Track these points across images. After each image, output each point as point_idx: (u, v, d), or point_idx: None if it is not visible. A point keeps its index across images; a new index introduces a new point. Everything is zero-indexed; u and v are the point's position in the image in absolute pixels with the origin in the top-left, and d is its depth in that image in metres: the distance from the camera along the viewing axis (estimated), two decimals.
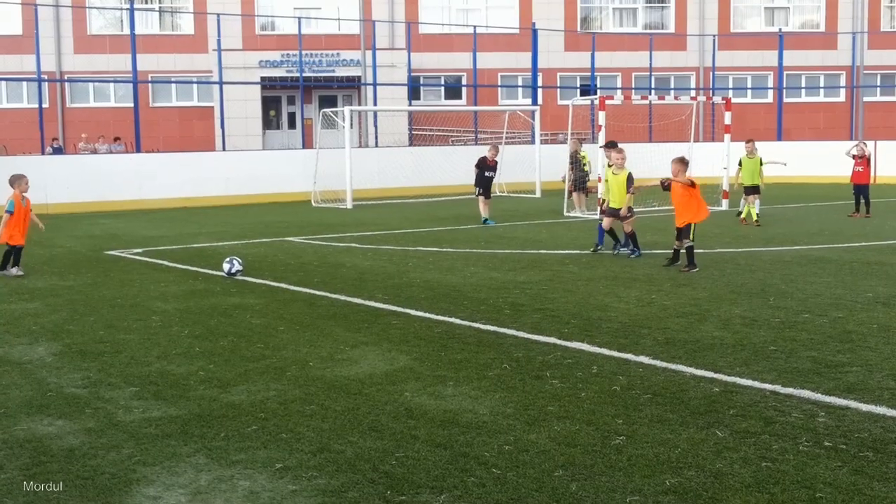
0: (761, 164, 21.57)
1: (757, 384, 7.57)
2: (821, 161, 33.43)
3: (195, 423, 6.77)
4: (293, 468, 5.85)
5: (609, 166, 16.42)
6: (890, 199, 27.39)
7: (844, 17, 45.23)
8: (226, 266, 13.89)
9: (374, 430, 6.55)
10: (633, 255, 15.44)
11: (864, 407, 6.91)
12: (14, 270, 14.30)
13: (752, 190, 21.25)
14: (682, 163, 14.65)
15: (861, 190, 22.76)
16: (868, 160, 23.59)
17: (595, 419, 6.73)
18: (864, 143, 24.45)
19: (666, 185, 14.53)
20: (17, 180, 14.62)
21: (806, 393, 7.29)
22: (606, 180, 16.40)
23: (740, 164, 21.87)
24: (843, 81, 45.70)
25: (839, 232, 18.91)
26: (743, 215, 21.27)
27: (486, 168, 22.30)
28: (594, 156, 24.22)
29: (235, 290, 12.64)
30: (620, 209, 15.56)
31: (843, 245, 16.73)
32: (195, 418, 6.90)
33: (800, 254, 15.64)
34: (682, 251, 14.25)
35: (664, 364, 8.27)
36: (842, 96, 45.78)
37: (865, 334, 9.31)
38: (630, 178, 15.62)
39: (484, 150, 23.92)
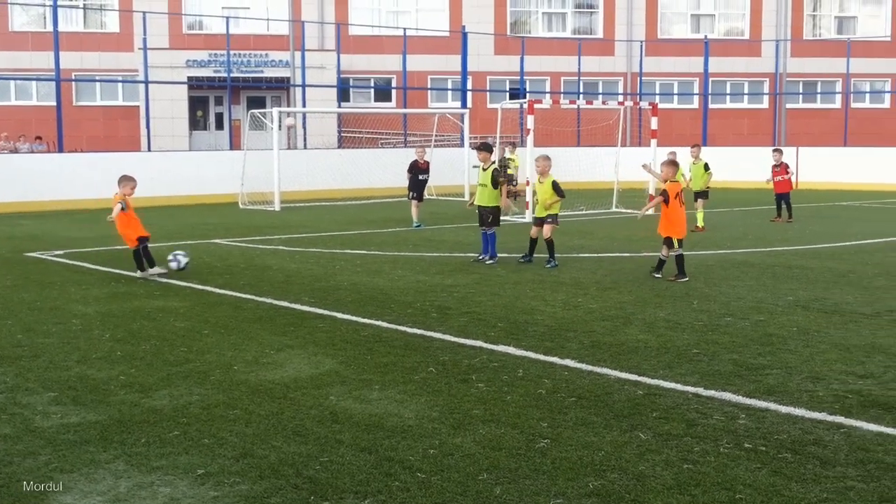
0: (706, 169, 21.80)
1: (680, 387, 7.66)
2: (745, 166, 33.95)
3: (115, 429, 6.64)
4: (215, 474, 5.77)
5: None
6: (812, 204, 27.96)
7: (768, 25, 46.08)
8: (172, 265, 13.74)
9: (298, 435, 6.49)
10: (548, 265, 14.76)
11: (784, 409, 7.02)
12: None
13: (701, 195, 21.48)
14: (674, 165, 13.95)
15: (783, 197, 23.09)
16: (786, 167, 23.78)
17: (520, 422, 6.75)
18: (780, 151, 24.60)
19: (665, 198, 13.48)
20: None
21: (727, 395, 7.39)
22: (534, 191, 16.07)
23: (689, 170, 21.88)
24: (766, 88, 46.54)
25: (762, 236, 19.24)
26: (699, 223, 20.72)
27: (419, 171, 22.31)
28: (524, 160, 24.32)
29: (159, 294, 12.45)
30: (546, 217, 15.19)
31: (766, 249, 17.02)
32: (115, 424, 6.77)
33: (724, 258, 15.88)
34: (666, 259, 13.67)
35: (589, 367, 8.32)
36: (765, 103, 46.62)
37: (785, 337, 9.48)
38: (556, 185, 15.12)
39: (412, 153, 23.90)
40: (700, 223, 20.62)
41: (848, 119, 43.20)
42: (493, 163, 16.05)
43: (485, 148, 16.06)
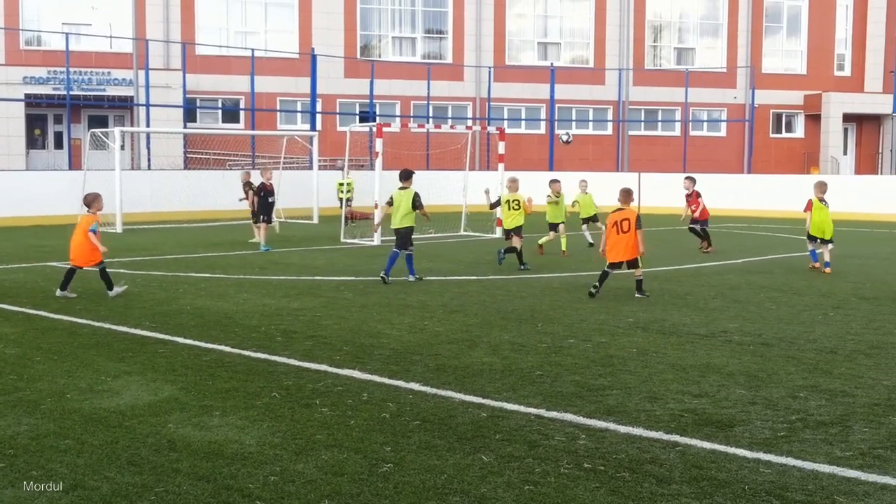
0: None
1: (523, 408, 7.72)
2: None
3: None
4: None
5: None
6: (653, 229, 28.77)
7: (611, 55, 47.46)
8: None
9: (133, 465, 6.26)
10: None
11: (623, 429, 7.16)
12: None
13: (591, 219, 22.72)
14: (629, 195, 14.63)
15: (701, 224, 22.06)
16: (696, 194, 22.36)
17: (363, 447, 6.68)
18: (689, 179, 23.23)
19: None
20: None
21: (569, 416, 7.49)
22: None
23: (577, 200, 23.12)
24: (610, 115, 47.86)
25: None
26: (541, 243, 21.11)
27: (268, 193, 22.05)
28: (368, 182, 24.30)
29: None
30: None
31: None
32: None
33: (568, 281, 16.18)
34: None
35: (434, 390, 8.32)
36: (609, 129, 47.93)
37: (625, 358, 9.69)
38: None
39: (259, 175, 23.58)
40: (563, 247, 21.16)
41: (687, 146, 44.78)
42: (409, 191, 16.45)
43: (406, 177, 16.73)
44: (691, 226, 22.34)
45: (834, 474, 6.16)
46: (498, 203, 19.43)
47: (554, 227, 21.30)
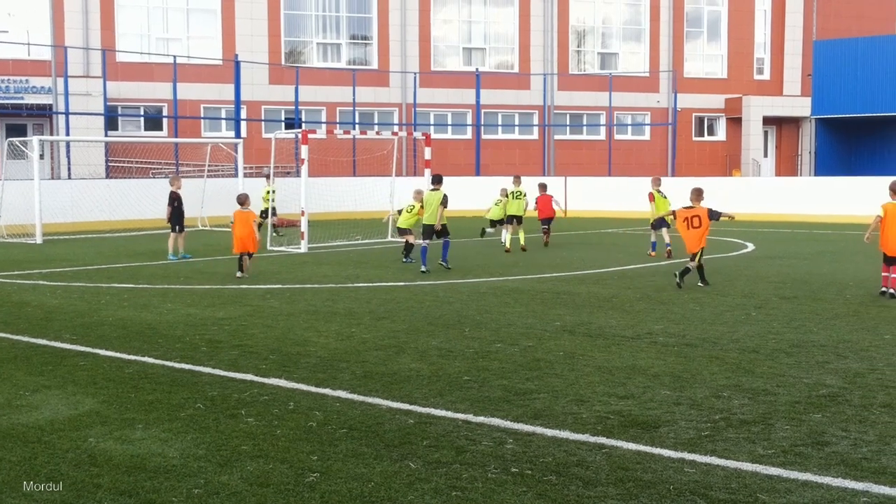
0: (524, 196, 23.66)
1: (450, 414, 7.71)
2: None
3: None
4: None
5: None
6: (578, 232, 29.03)
7: (536, 60, 47.79)
8: None
9: (52, 480, 6.11)
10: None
11: (549, 432, 7.18)
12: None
13: (516, 219, 23.31)
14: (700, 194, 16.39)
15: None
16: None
17: (289, 457, 6.61)
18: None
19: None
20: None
21: (496, 421, 7.49)
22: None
23: (508, 196, 23.84)
24: (536, 120, 48.17)
25: (533, 264, 19.78)
26: (522, 242, 23.11)
27: (181, 202, 21.80)
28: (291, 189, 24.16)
29: None
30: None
31: (536, 276, 17.51)
32: None
33: (495, 285, 16.22)
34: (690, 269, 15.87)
35: (361, 398, 8.27)
36: (535, 134, 48.23)
37: (552, 361, 9.73)
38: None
39: (183, 183, 23.26)
40: (522, 242, 23.06)
41: (612, 150, 45.27)
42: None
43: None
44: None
45: (756, 472, 6.24)
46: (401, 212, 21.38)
47: (511, 220, 23.21)
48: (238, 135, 37.81)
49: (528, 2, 47.49)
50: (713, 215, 15.98)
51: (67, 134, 35.97)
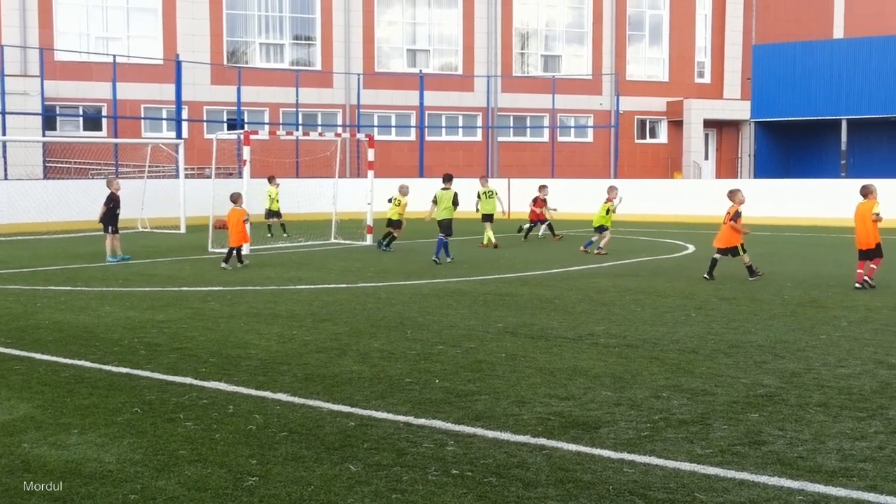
0: (496, 195, 25.19)
1: (392, 416, 7.68)
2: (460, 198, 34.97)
3: None
4: None
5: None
6: (522, 234, 29.10)
7: (480, 62, 47.90)
8: None
9: None
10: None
11: (490, 433, 7.18)
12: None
13: (488, 218, 24.64)
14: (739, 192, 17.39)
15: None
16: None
17: (228, 461, 6.54)
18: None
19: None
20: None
21: (437, 423, 7.48)
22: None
23: (480, 196, 25.10)
24: (479, 122, 48.29)
25: (476, 265, 19.82)
26: (484, 241, 24.35)
27: (118, 204, 21.54)
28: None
29: None
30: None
31: (479, 278, 17.53)
32: None
33: (437, 287, 16.21)
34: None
35: (302, 400, 8.21)
36: (479, 136, 48.34)
37: (494, 363, 9.74)
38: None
39: (119, 184, 22.96)
40: (493, 241, 24.17)
41: (555, 152, 45.50)
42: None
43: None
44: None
45: (694, 472, 6.29)
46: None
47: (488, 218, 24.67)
48: (179, 135, 37.41)
49: (472, 4, 47.60)
50: (735, 216, 17.00)
51: (4, 134, 35.29)
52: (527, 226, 27.34)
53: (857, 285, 15.81)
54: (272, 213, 29.00)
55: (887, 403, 8.05)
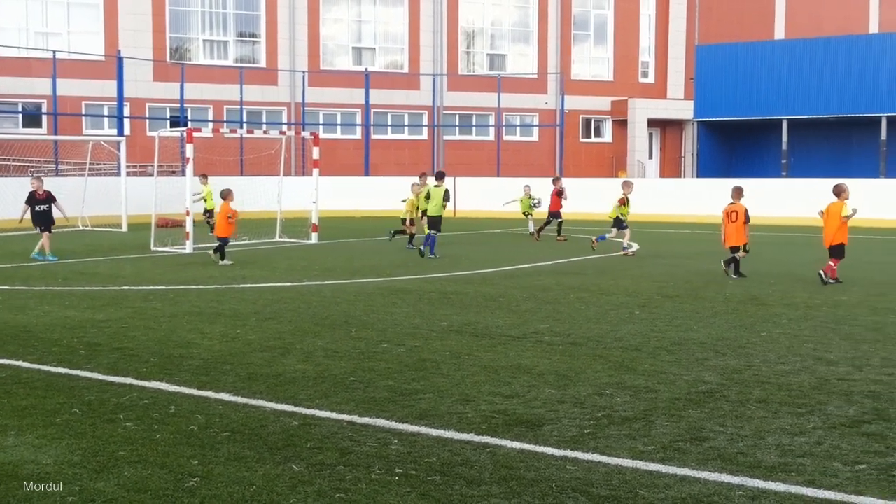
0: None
1: (335, 415, 7.64)
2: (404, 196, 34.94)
3: None
4: None
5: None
6: (467, 232, 29.18)
7: (426, 60, 47.91)
8: None
9: None
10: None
11: (435, 432, 7.17)
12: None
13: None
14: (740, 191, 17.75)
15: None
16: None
17: (169, 462, 6.46)
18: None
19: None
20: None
21: (381, 421, 7.45)
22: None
23: (428, 195, 24.07)
24: (425, 120, 48.29)
25: (420, 264, 19.80)
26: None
27: (35, 203, 21.22)
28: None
29: None
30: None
31: (423, 276, 17.52)
32: None
33: (382, 285, 16.18)
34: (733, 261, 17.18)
35: (245, 400, 8.14)
36: (425, 134, 48.35)
37: (439, 361, 9.73)
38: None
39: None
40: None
41: (501, 151, 45.63)
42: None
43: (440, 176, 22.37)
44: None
45: (637, 468, 6.33)
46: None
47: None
48: (121, 133, 37.00)
49: (418, 2, 47.60)
50: (747, 218, 17.24)
51: None
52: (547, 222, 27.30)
53: (829, 280, 16.17)
54: (209, 212, 28.47)
55: (826, 399, 8.17)
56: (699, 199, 35.23)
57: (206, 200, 28.45)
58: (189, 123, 39.69)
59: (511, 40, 50.55)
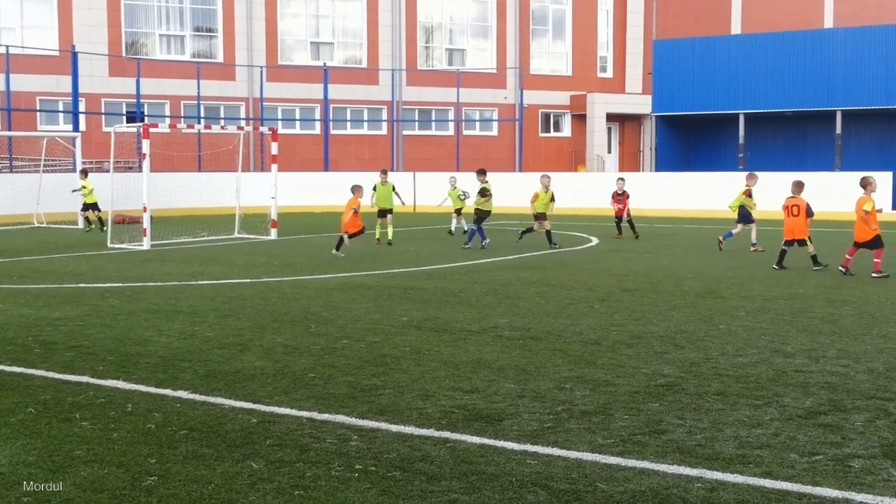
0: (394, 190, 24.66)
1: (295, 412, 7.60)
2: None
3: None
4: None
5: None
6: (428, 227, 29.16)
7: (384, 55, 47.79)
8: None
9: None
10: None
11: (394, 428, 7.15)
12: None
13: (385, 213, 24.07)
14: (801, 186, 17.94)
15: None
16: (626, 195, 26.16)
17: (126, 461, 6.39)
18: (621, 180, 26.85)
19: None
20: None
21: (341, 418, 7.42)
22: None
23: (374, 189, 24.47)
24: (384, 115, 48.18)
25: (380, 259, 19.76)
26: (377, 236, 23.59)
27: None
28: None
29: None
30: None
31: (383, 272, 17.48)
32: None
33: (342, 281, 16.12)
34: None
35: (203, 398, 8.07)
36: (384, 129, 48.25)
37: (399, 357, 9.71)
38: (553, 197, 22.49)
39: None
40: (390, 237, 23.50)
41: (460, 146, 45.63)
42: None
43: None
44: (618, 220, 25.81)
45: (596, 462, 6.35)
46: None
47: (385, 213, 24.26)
48: (76, 128, 36.57)
49: None
50: (809, 212, 17.52)
51: None
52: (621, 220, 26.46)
53: (840, 269, 16.60)
54: (88, 206, 28.40)
55: (783, 391, 8.24)
56: (658, 193, 35.44)
57: (85, 196, 28.38)
58: (146, 119, 39.29)
59: (470, 35, 50.57)
